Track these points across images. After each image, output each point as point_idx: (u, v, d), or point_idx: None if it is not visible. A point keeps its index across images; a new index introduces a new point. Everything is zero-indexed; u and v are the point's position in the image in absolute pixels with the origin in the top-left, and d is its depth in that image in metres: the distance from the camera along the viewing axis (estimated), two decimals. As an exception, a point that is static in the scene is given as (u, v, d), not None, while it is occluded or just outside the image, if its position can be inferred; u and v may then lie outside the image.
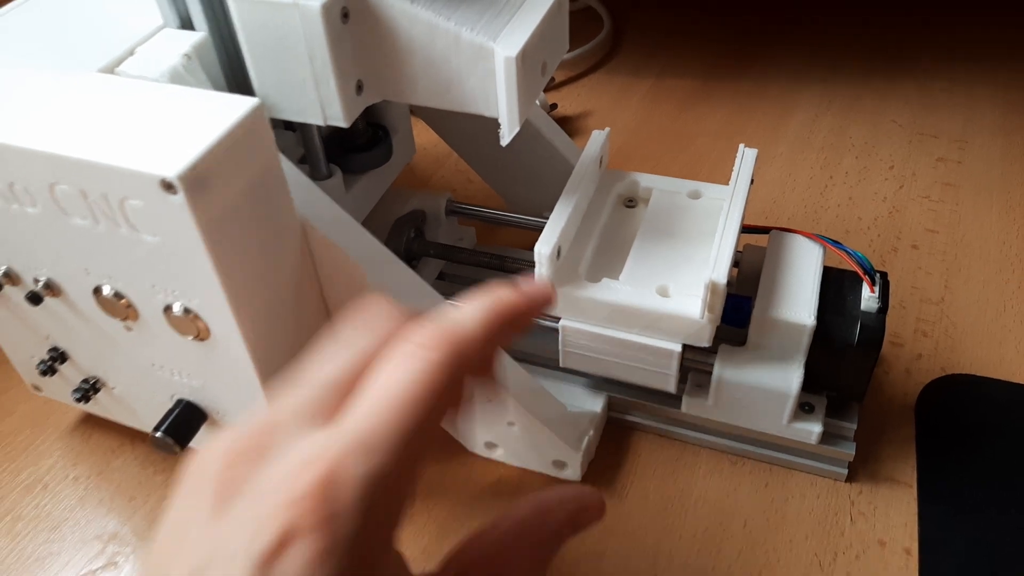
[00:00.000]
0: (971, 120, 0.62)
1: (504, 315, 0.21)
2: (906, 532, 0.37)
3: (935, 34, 0.71)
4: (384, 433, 0.18)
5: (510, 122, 0.32)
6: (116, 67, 0.31)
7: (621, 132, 0.62)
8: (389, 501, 0.18)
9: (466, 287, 0.45)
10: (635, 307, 0.35)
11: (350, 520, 0.18)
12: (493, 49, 0.30)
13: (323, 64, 0.30)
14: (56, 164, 0.27)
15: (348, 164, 0.40)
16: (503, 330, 0.21)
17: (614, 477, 0.40)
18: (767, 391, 0.36)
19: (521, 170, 0.47)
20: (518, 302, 0.22)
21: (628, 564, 0.37)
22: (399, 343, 0.20)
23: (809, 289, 0.36)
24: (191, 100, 0.28)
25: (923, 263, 0.50)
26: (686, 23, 0.75)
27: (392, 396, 0.19)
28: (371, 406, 0.19)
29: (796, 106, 0.64)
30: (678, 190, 0.40)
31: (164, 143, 0.26)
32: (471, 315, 0.21)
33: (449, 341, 0.19)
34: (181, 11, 0.32)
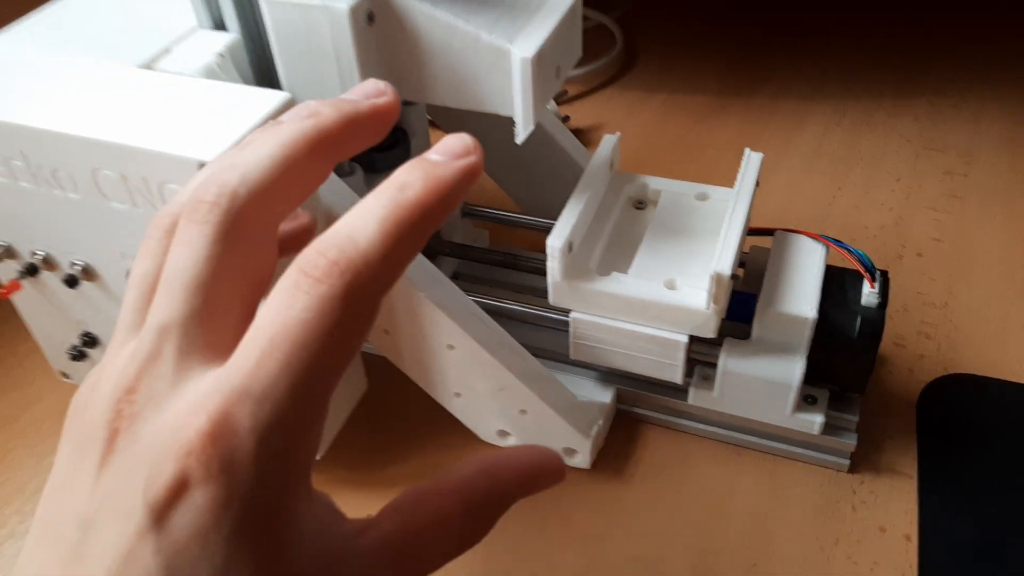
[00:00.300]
0: (979, 135, 0.63)
1: (412, 220, 0.18)
2: (906, 519, 0.38)
3: (945, 52, 0.73)
4: (273, 381, 0.17)
5: (525, 121, 0.34)
6: (154, 63, 0.33)
7: (633, 143, 0.64)
8: (289, 448, 0.17)
9: (479, 286, 0.47)
10: (643, 299, 0.36)
11: (245, 470, 0.17)
12: (510, 51, 0.32)
13: (349, 64, 0.32)
14: (101, 150, 0.29)
15: (369, 163, 0.42)
16: (412, 241, 0.19)
17: (622, 466, 0.41)
18: (771, 382, 0.37)
19: (534, 174, 0.48)
20: (429, 199, 0.19)
21: (634, 545, 0.38)
22: (291, 271, 0.18)
23: (811, 285, 0.38)
24: (226, 93, 0.30)
25: (927, 270, 0.51)
26: (699, 42, 0.77)
27: (279, 338, 0.17)
28: (259, 350, 0.17)
29: (807, 121, 0.66)
30: (686, 192, 0.42)
31: (202, 131, 0.28)
32: (371, 231, 0.18)
33: (344, 271, 0.17)
34: (214, 14, 0.34)
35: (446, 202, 0.19)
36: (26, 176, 0.31)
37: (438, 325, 0.36)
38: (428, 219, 0.19)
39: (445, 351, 0.37)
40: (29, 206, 0.32)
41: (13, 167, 0.31)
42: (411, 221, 0.18)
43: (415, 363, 0.39)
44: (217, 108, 0.29)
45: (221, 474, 0.16)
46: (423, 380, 0.40)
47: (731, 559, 0.37)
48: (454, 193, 0.19)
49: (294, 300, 0.17)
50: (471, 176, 0.20)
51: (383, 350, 0.39)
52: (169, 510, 0.17)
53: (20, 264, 0.35)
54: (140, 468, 0.17)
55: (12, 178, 0.31)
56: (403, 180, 0.19)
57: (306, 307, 0.17)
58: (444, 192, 0.19)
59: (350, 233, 0.18)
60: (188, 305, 0.18)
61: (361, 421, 0.41)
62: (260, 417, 0.17)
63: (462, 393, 0.40)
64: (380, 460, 0.42)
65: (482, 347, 0.37)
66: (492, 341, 0.37)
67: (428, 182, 0.19)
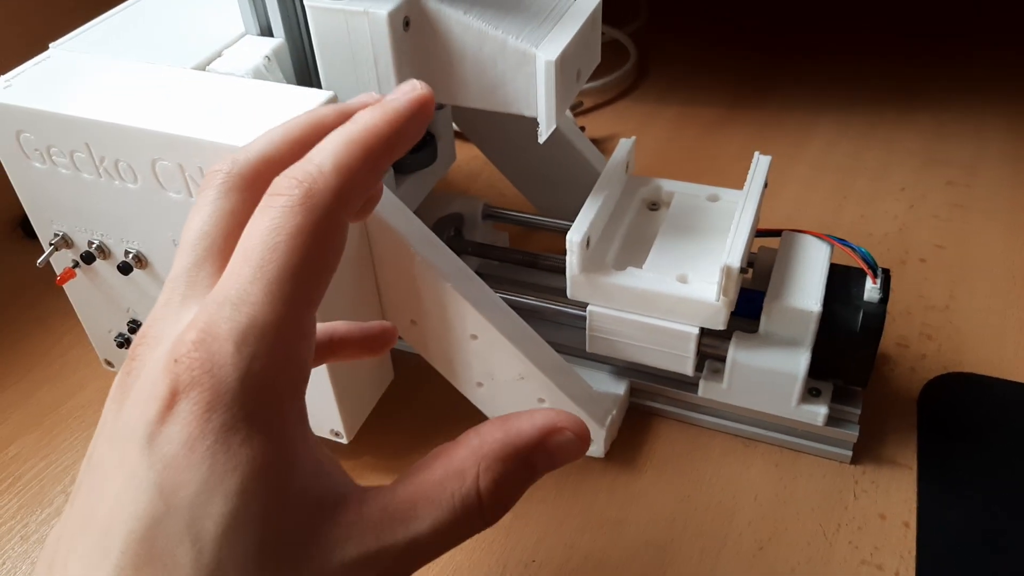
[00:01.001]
0: (982, 147, 0.65)
1: (365, 141, 0.20)
2: (905, 507, 0.40)
3: (949, 67, 0.75)
4: (247, 286, 0.18)
5: (547, 121, 0.36)
6: (207, 65, 0.36)
7: (646, 152, 0.66)
8: (275, 349, 0.18)
9: (500, 284, 0.49)
10: (656, 292, 0.39)
11: (229, 369, 0.17)
12: (535, 55, 0.34)
13: (386, 66, 0.35)
14: (161, 141, 0.31)
15: (398, 164, 0.44)
16: (367, 161, 0.21)
17: (634, 456, 0.43)
18: (777, 374, 0.39)
19: (552, 178, 0.51)
20: (387, 131, 0.21)
21: (647, 530, 0.40)
22: (263, 197, 0.20)
23: (816, 281, 0.40)
24: (273, 92, 0.33)
25: (930, 275, 0.53)
26: (709, 56, 0.80)
27: (250, 248, 0.19)
28: (235, 263, 0.19)
29: (814, 133, 0.68)
30: (697, 194, 0.44)
31: (252, 124, 0.30)
32: (327, 153, 0.20)
33: (302, 183, 0.19)
34: (262, 20, 0.37)
35: (398, 128, 0.21)
36: (89, 167, 0.34)
37: (463, 315, 0.38)
38: (381, 142, 0.21)
39: (469, 341, 0.40)
40: (89, 196, 0.35)
41: (77, 159, 0.34)
42: (363, 142, 0.20)
43: (440, 353, 0.41)
44: (265, 105, 0.32)
45: (204, 375, 0.17)
46: (447, 370, 0.42)
47: (738, 543, 0.39)
48: (405, 120, 0.21)
49: (263, 215, 0.19)
50: (420, 106, 0.22)
51: (410, 341, 0.41)
52: (162, 424, 0.17)
53: (75, 253, 0.38)
54: (143, 393, 0.18)
55: (75, 169, 0.34)
56: (359, 114, 0.21)
57: (271, 217, 0.19)
58: (394, 118, 0.21)
59: (310, 158, 0.20)
60: (192, 255, 0.20)
61: (388, 410, 0.44)
62: (238, 320, 0.18)
63: (484, 383, 0.42)
64: (405, 447, 0.44)
65: (504, 337, 0.39)
66: (514, 332, 0.39)
67: (378, 111, 0.21)
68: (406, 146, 0.22)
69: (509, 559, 0.39)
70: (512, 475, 0.21)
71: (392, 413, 0.45)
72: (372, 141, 0.21)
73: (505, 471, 0.21)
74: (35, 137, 0.34)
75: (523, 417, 0.22)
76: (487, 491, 0.21)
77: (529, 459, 0.22)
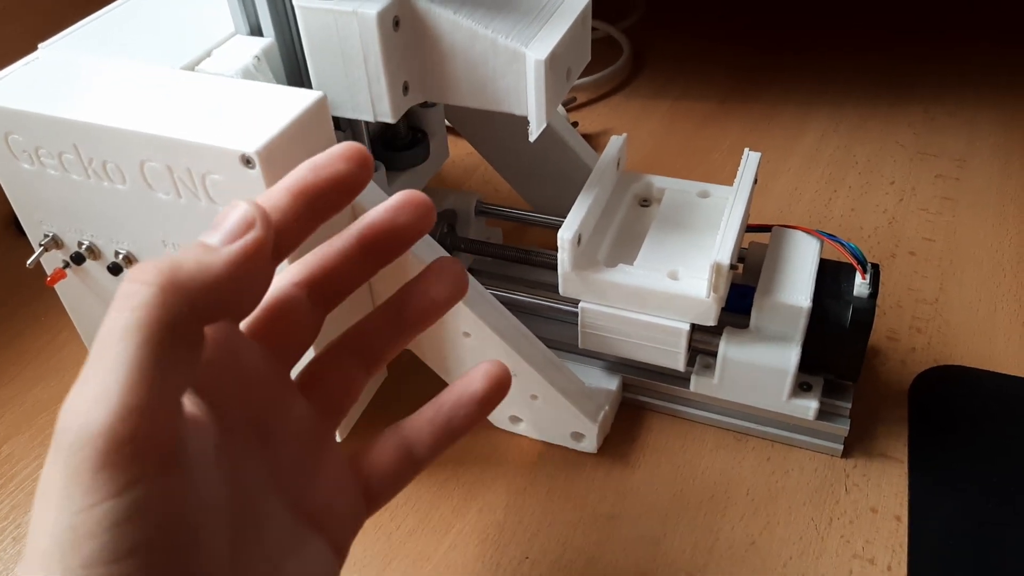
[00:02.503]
0: (972, 141, 0.66)
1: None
2: (897, 501, 0.40)
3: (940, 63, 0.75)
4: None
5: (538, 119, 0.36)
6: (196, 65, 0.35)
7: (639, 148, 0.67)
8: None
9: (493, 280, 0.49)
10: (648, 289, 0.39)
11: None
12: (525, 53, 0.34)
13: (375, 66, 0.35)
14: (149, 142, 0.31)
15: (391, 162, 0.44)
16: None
17: (627, 451, 0.43)
18: (768, 368, 0.40)
19: (545, 174, 0.51)
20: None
21: (640, 524, 0.40)
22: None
23: (807, 276, 0.40)
24: (264, 92, 0.33)
25: (919, 268, 0.54)
26: (702, 52, 0.80)
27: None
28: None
29: (806, 128, 0.68)
30: (688, 190, 0.44)
31: (243, 125, 0.31)
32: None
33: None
34: (251, 20, 0.37)
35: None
36: (77, 168, 0.34)
37: (455, 313, 0.38)
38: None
39: (461, 338, 0.40)
40: (78, 197, 0.35)
41: (65, 160, 0.33)
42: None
43: (433, 350, 0.42)
44: (255, 105, 0.32)
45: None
46: (440, 367, 0.42)
47: (731, 537, 0.39)
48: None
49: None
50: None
51: (402, 337, 0.41)
52: None
53: (65, 254, 0.38)
54: None
55: (64, 171, 0.34)
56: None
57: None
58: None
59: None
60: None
61: (381, 408, 0.44)
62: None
63: (476, 379, 0.42)
64: (398, 443, 0.44)
65: (496, 334, 0.39)
66: (506, 328, 0.40)
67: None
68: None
69: (503, 556, 0.39)
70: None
71: (386, 411, 0.45)
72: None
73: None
74: (23, 138, 0.34)
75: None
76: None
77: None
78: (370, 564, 0.39)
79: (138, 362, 0.18)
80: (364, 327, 0.28)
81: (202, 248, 0.21)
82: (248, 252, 0.21)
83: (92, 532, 0.18)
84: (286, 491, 0.25)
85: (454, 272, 0.28)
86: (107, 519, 0.18)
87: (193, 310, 0.20)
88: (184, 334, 0.20)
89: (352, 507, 0.26)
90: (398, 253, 0.27)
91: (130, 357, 0.18)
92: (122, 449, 0.18)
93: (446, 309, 0.28)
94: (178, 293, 0.19)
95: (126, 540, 0.18)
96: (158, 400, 0.19)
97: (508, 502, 0.41)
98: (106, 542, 0.18)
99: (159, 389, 0.19)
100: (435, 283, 0.28)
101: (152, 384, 0.19)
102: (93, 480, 0.18)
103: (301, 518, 0.25)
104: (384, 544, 0.40)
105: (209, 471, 0.21)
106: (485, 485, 0.42)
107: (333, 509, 0.26)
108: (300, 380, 0.27)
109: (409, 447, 0.27)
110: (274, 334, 0.25)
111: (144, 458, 0.19)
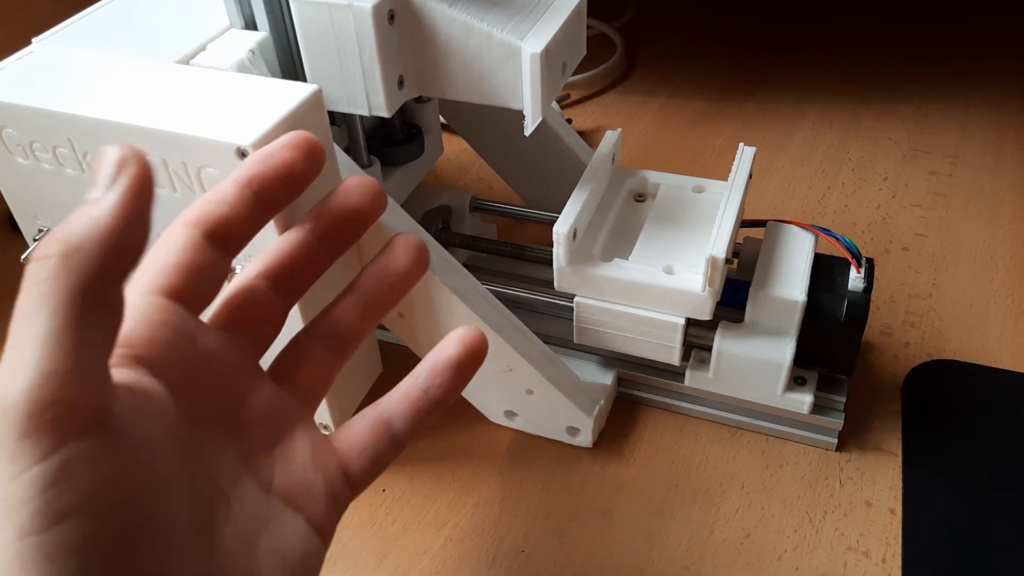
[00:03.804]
0: (964, 138, 0.66)
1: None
2: (891, 495, 0.40)
3: (932, 60, 0.75)
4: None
5: (533, 113, 0.36)
6: (191, 59, 0.35)
7: (633, 145, 0.67)
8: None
9: (488, 276, 0.49)
10: (643, 283, 0.39)
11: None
12: (521, 47, 0.34)
13: (371, 60, 0.35)
14: (143, 136, 0.31)
15: (386, 157, 0.44)
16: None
17: (622, 445, 0.43)
18: (763, 362, 0.40)
19: (539, 169, 0.51)
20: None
21: (635, 518, 0.40)
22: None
23: (801, 270, 0.40)
24: (259, 85, 0.33)
25: (913, 263, 0.54)
26: (695, 50, 0.80)
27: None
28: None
29: (799, 125, 0.69)
30: (683, 185, 0.45)
31: (238, 118, 0.30)
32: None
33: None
34: (246, 14, 0.37)
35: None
36: (72, 163, 0.33)
37: (450, 308, 0.38)
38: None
39: (457, 333, 0.40)
40: (73, 191, 0.34)
41: (60, 155, 0.33)
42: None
43: (428, 345, 0.41)
44: (250, 99, 0.32)
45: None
46: (435, 362, 0.42)
47: (725, 530, 0.39)
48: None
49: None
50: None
51: (398, 333, 0.41)
52: None
53: (59, 248, 0.38)
54: None
55: (58, 165, 0.34)
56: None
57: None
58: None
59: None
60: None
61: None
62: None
63: (472, 374, 0.42)
64: (393, 439, 0.44)
65: (492, 329, 0.39)
66: (501, 323, 0.40)
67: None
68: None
69: (498, 549, 0.39)
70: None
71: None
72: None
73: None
74: (17, 133, 0.34)
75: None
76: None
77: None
78: (366, 558, 0.39)
79: (51, 329, 0.18)
80: (331, 312, 0.28)
81: (88, 205, 0.20)
82: (132, 191, 0.20)
83: (22, 500, 0.18)
84: (260, 474, 0.25)
85: (413, 245, 0.28)
86: (35, 485, 0.18)
87: (99, 268, 0.19)
88: (95, 294, 0.19)
89: (332, 487, 0.26)
90: (355, 238, 0.28)
91: (42, 327, 0.18)
92: (43, 414, 0.18)
93: (410, 284, 0.29)
94: (78, 256, 0.19)
95: (56, 504, 0.18)
96: (77, 364, 0.19)
97: (504, 496, 0.41)
98: (37, 507, 0.18)
99: (76, 354, 0.19)
100: (395, 259, 0.28)
101: (68, 349, 0.19)
102: (18, 447, 0.18)
103: (278, 499, 0.25)
104: (380, 538, 0.40)
105: (171, 451, 0.22)
106: (480, 479, 0.42)
107: (311, 489, 0.26)
108: (272, 370, 0.27)
109: (387, 422, 0.27)
110: (238, 325, 0.26)
111: (67, 421, 0.19)
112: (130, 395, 0.21)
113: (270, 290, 0.27)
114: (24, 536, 0.18)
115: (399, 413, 0.28)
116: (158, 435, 0.22)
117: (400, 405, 0.28)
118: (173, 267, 0.24)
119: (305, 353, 0.28)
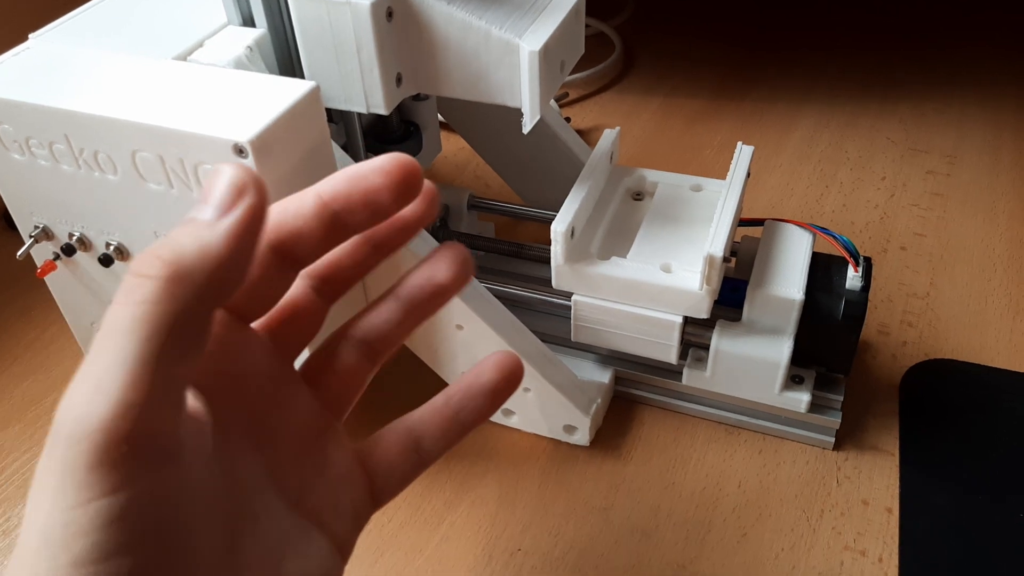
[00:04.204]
0: (962, 138, 0.66)
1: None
2: (888, 493, 0.40)
3: (930, 60, 0.76)
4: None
5: (531, 111, 0.36)
6: (188, 56, 0.35)
7: (631, 144, 0.67)
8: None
9: (486, 274, 0.49)
10: (641, 282, 0.39)
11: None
12: (519, 45, 0.34)
13: (369, 57, 0.35)
14: (141, 132, 0.31)
15: (383, 154, 0.44)
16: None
17: (620, 443, 0.43)
18: (760, 361, 0.40)
19: (537, 168, 0.51)
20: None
21: (632, 516, 0.40)
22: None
23: (799, 269, 0.40)
24: (256, 82, 0.32)
25: (910, 262, 0.54)
26: (693, 49, 0.80)
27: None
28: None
29: (797, 124, 0.69)
30: (681, 184, 0.44)
31: (235, 115, 0.30)
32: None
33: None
34: (244, 11, 0.37)
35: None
36: (68, 159, 0.33)
37: (448, 305, 0.38)
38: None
39: (454, 331, 0.40)
40: (69, 188, 0.34)
41: (56, 151, 0.33)
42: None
43: (425, 343, 0.41)
44: (247, 95, 0.32)
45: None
46: (432, 360, 0.42)
47: (723, 530, 0.39)
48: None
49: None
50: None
51: (395, 330, 0.41)
52: None
53: (55, 245, 0.37)
54: None
55: (55, 161, 0.34)
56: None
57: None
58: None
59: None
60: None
61: (372, 401, 0.43)
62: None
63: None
64: (390, 437, 0.44)
65: (489, 326, 0.39)
66: (499, 321, 0.40)
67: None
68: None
69: (495, 548, 0.39)
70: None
71: (377, 404, 0.44)
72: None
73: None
74: (13, 128, 0.33)
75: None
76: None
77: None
78: (362, 557, 0.39)
79: (141, 357, 0.18)
80: (368, 316, 0.27)
81: (198, 226, 0.19)
82: (246, 222, 0.19)
83: (84, 530, 0.18)
84: (287, 488, 0.24)
85: (460, 256, 0.27)
86: (99, 517, 0.18)
87: (200, 301, 0.19)
88: (190, 327, 0.19)
89: (357, 503, 0.26)
90: (403, 242, 0.26)
91: (133, 352, 0.18)
92: (119, 447, 0.18)
93: (452, 294, 0.27)
94: (183, 284, 0.18)
95: (117, 539, 0.18)
96: (160, 397, 0.18)
97: (500, 495, 0.41)
98: (97, 540, 0.18)
99: (161, 386, 0.18)
100: (440, 268, 0.27)
101: (155, 381, 0.18)
102: (88, 476, 0.18)
103: (303, 515, 0.24)
104: (376, 536, 0.40)
105: (205, 468, 0.21)
106: (477, 478, 0.42)
107: (337, 505, 0.25)
108: (304, 371, 0.26)
109: (417, 440, 0.27)
110: (282, 327, 0.25)
111: (141, 457, 0.18)
112: (189, 421, 0.21)
113: (312, 289, 0.26)
114: (77, 565, 0.18)
115: (430, 432, 0.27)
116: (200, 457, 0.21)
117: (431, 424, 0.27)
118: None
119: (338, 357, 0.27)
